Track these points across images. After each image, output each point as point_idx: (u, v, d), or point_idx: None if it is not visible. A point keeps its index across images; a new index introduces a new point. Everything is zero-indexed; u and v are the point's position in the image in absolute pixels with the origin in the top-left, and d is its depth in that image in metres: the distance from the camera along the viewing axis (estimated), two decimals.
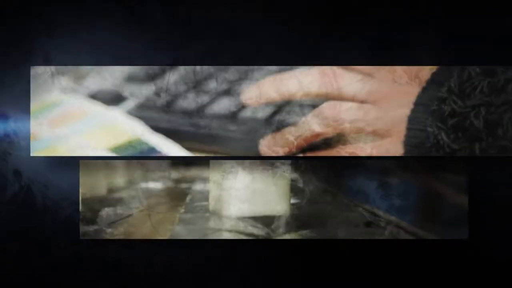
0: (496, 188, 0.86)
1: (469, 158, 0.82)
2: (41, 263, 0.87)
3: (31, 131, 0.84)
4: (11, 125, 0.85)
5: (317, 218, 0.87)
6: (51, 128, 0.84)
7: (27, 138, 0.83)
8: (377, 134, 0.75)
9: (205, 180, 0.89)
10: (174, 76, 0.89)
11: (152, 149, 0.80)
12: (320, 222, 0.87)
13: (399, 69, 0.76)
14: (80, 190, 0.84)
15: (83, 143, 0.81)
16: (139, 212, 0.86)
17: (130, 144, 0.80)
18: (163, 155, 0.79)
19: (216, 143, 0.81)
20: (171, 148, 0.80)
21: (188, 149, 0.80)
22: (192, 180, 0.90)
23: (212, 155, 0.82)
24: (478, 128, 0.68)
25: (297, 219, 0.88)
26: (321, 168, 0.88)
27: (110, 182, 0.91)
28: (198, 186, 0.91)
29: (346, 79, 0.77)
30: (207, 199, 0.88)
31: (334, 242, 0.86)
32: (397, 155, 0.73)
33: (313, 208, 0.88)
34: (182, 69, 0.88)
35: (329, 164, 0.88)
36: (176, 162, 0.90)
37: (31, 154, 0.82)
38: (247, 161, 0.84)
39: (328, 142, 0.80)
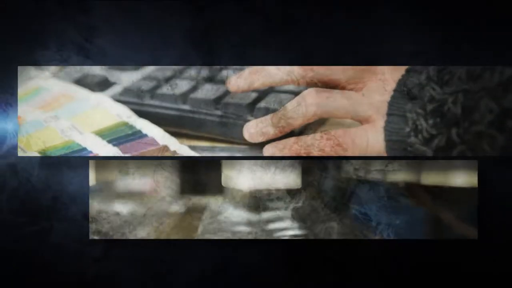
0: (505, 188, 0.87)
1: (480, 157, 0.83)
2: (50, 263, 0.88)
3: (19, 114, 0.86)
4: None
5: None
6: (40, 112, 0.86)
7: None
8: (358, 120, 0.77)
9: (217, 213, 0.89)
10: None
11: (138, 132, 0.82)
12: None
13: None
14: (90, 191, 0.86)
15: (71, 126, 0.83)
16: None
17: (116, 128, 0.83)
18: (155, 142, 0.81)
19: (200, 128, 0.83)
20: (157, 131, 0.82)
21: (173, 133, 0.83)
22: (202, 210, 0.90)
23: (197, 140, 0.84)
24: (455, 113, 0.70)
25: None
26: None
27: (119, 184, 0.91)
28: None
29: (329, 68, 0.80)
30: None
31: (335, 242, 0.86)
32: (379, 141, 0.75)
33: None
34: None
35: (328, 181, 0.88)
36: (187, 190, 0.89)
37: (19, 154, 0.84)
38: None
39: (310, 128, 0.82)
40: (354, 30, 0.87)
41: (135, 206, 0.87)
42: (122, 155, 0.80)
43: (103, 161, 0.86)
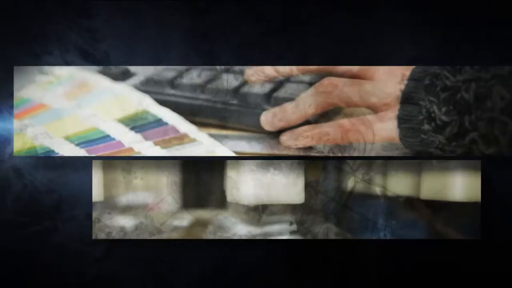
0: (509, 187, 0.87)
1: (483, 158, 0.83)
2: (52, 263, 0.89)
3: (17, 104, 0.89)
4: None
5: None
6: (64, 100, 0.89)
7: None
8: (372, 108, 0.79)
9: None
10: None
11: (159, 120, 0.85)
12: None
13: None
14: (93, 192, 0.87)
15: (93, 114, 0.87)
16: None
17: (138, 116, 0.86)
18: (170, 126, 0.85)
19: (218, 116, 0.87)
20: (177, 120, 0.85)
21: (192, 121, 0.86)
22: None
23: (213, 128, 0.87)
24: (468, 101, 0.72)
25: None
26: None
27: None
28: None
29: None
30: None
31: (334, 242, 0.86)
32: (392, 129, 0.77)
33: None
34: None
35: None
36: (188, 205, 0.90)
37: (13, 152, 0.85)
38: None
39: (326, 116, 0.84)
40: (354, 30, 0.88)
41: (140, 218, 0.88)
42: (144, 141, 0.83)
43: (107, 163, 0.87)
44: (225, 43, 0.88)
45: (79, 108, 0.88)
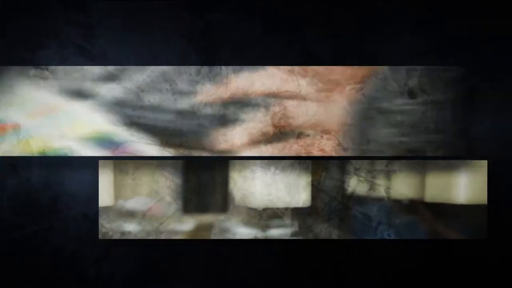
0: None
1: (490, 158, 0.83)
2: (52, 262, 0.90)
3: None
4: None
5: None
6: (31, 120, 0.89)
7: None
8: (323, 131, 0.82)
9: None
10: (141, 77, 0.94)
11: (122, 141, 0.86)
12: None
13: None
14: (99, 193, 0.89)
15: (57, 134, 0.87)
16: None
17: (99, 136, 0.87)
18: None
19: (175, 135, 0.87)
20: (136, 139, 0.87)
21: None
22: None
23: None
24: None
25: None
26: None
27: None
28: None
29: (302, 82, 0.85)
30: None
31: (335, 242, 0.86)
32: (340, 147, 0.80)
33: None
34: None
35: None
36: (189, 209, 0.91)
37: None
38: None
39: (284, 136, 0.85)
40: (354, 30, 0.88)
41: (140, 219, 0.89)
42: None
43: (106, 163, 0.87)
44: (225, 42, 0.88)
45: (43, 128, 0.88)
